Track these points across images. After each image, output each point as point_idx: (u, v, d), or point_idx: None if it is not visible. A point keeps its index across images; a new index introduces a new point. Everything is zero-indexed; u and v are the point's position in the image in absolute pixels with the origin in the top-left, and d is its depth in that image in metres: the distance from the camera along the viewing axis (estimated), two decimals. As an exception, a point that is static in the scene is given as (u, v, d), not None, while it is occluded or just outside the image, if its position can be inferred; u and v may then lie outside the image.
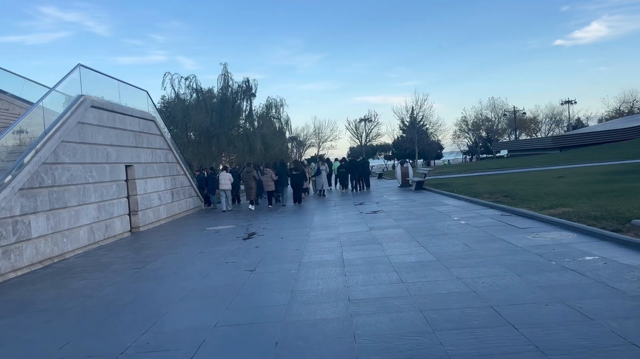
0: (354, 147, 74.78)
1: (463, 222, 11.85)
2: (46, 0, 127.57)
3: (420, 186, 23.57)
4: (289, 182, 21.52)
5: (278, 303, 6.28)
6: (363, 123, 70.52)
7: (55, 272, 9.69)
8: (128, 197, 15.57)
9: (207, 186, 22.79)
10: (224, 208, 20.14)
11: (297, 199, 21.20)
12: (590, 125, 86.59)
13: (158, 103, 33.19)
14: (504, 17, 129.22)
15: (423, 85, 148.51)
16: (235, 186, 23.45)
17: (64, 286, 8.37)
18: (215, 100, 29.47)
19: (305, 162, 30.20)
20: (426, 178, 24.13)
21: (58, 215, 11.10)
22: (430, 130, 71.19)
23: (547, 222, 10.58)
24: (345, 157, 37.34)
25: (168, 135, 21.36)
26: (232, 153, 33.63)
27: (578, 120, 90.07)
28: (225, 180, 20.27)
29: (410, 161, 28.27)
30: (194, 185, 22.41)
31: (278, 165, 21.95)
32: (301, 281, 7.29)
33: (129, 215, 15.50)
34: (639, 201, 11.52)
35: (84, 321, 6.23)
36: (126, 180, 15.46)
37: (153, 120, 18.25)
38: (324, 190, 25.01)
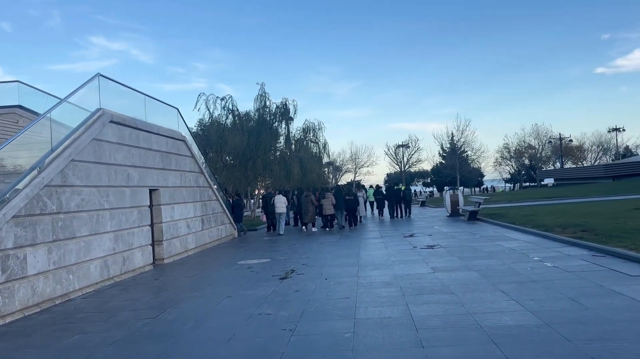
0: (391, 174, 72.56)
1: (549, 264, 9.63)
2: (95, 30, 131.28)
3: (474, 217, 21.28)
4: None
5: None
6: (402, 149, 68.23)
7: (51, 319, 7.92)
8: (152, 225, 13.90)
9: (233, 214, 21.49)
10: (281, 232, 20.72)
11: (353, 222, 22.32)
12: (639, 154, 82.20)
13: (194, 126, 32.03)
14: (543, 44, 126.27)
15: (461, 112, 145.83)
16: (272, 212, 21.90)
17: (51, 343, 6.56)
18: (252, 122, 27.96)
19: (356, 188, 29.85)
20: (480, 207, 21.84)
21: (63, 247, 9.41)
22: (472, 157, 68.44)
23: (665, 269, 8.30)
24: (382, 184, 35.99)
25: (200, 158, 19.82)
26: (268, 178, 32.03)
27: (627, 148, 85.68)
28: (281, 203, 20.79)
29: (450, 189, 26.12)
30: (227, 211, 20.71)
31: (335, 190, 23.47)
32: (361, 354, 5.28)
33: (152, 245, 13.80)
34: None
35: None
36: (150, 206, 13.81)
37: (183, 140, 16.69)
38: (361, 217, 24.29)
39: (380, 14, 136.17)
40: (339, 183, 57.51)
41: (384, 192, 27.17)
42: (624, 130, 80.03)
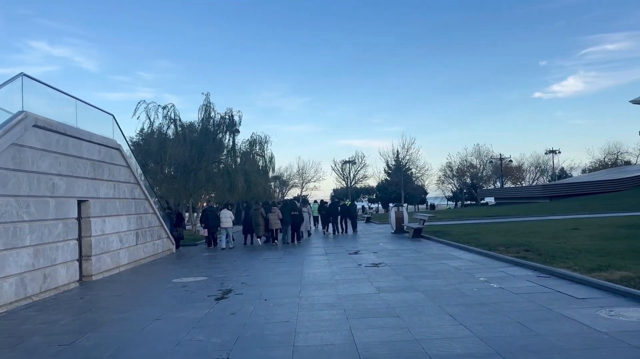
0: (337, 189, 72.64)
1: (495, 285, 9.42)
2: (37, 34, 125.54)
3: (418, 234, 21.19)
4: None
5: None
6: (348, 164, 68.48)
7: (-51, 346, 6.94)
8: (80, 239, 12.86)
9: (207, 223, 21.41)
10: (224, 246, 20.35)
11: (297, 237, 22.03)
12: (574, 175, 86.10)
13: (135, 135, 30.65)
14: (486, 68, 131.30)
15: (407, 130, 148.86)
16: (213, 226, 21.18)
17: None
18: (195, 134, 27.01)
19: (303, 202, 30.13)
20: (425, 224, 21.80)
21: (-29, 264, 8.39)
22: (416, 174, 69.58)
23: (609, 291, 8.19)
24: (329, 199, 36.11)
25: (138, 168, 18.79)
26: (211, 191, 31.05)
27: (562, 169, 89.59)
28: (227, 218, 20.51)
29: (396, 205, 26.16)
30: (164, 225, 19.70)
31: (282, 204, 23.39)
32: (299, 388, 4.74)
33: (80, 260, 12.76)
34: None
35: None
36: (78, 218, 12.79)
37: (118, 149, 15.70)
38: (308, 231, 24.61)
39: (329, 31, 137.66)
40: (285, 198, 56.94)
41: (329, 207, 27.00)
42: (559, 152, 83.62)
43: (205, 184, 27.00)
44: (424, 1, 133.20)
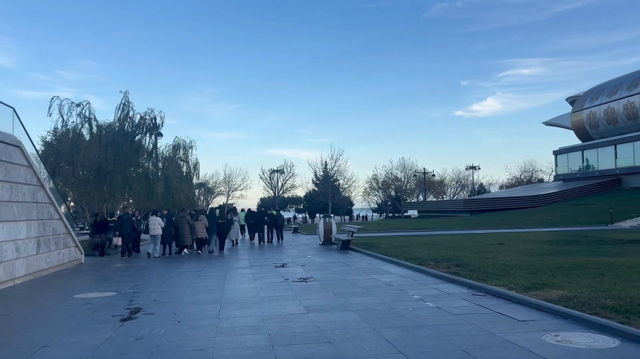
0: (264, 198, 71.37)
1: (431, 305, 8.83)
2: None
3: (346, 246, 20.60)
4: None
5: None
6: (277, 174, 67.52)
7: None
8: (-36, 247, 11.12)
9: (121, 231, 19.86)
10: (155, 254, 19.35)
11: (222, 247, 21.48)
12: (492, 191, 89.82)
13: (48, 134, 28.10)
14: (412, 85, 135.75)
15: (335, 142, 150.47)
16: (128, 235, 19.65)
17: None
18: (111, 133, 25.06)
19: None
20: (354, 236, 21.26)
21: None
22: (344, 186, 69.78)
23: (549, 312, 7.79)
24: (256, 208, 35.53)
25: (42, 169, 16.94)
26: (128, 196, 29.07)
27: (481, 185, 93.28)
28: (155, 225, 19.49)
29: (324, 216, 25.67)
30: (72, 232, 17.88)
31: (209, 212, 22.80)
32: None
33: (-38, 272, 11.02)
34: (643, 285, 9.19)
35: None
36: (-37, 224, 11.05)
37: (18, 146, 13.96)
38: (236, 240, 24.32)
39: (264, 39, 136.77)
40: (211, 206, 55.09)
41: (256, 216, 26.33)
42: (479, 168, 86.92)
43: (121, 189, 25.11)
44: (357, 17, 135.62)
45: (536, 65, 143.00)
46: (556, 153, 64.10)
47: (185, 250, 20.37)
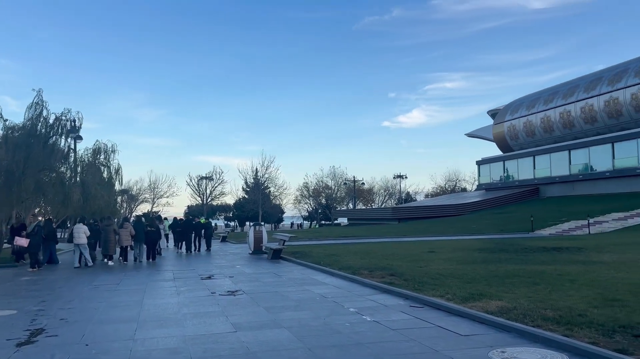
0: (192, 206, 69.17)
1: (369, 319, 8.29)
2: None
3: (277, 255, 19.88)
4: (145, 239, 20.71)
5: None
6: (205, 181, 65.64)
7: None
8: None
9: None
10: (76, 264, 18.50)
11: (152, 256, 20.67)
12: (418, 199, 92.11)
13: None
14: (342, 95, 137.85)
15: (267, 149, 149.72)
16: (37, 245, 18.11)
17: None
18: (23, 134, 22.96)
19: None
20: (286, 245, 20.57)
21: None
22: (275, 193, 68.93)
23: (491, 325, 7.44)
24: (183, 216, 34.41)
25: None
26: (42, 202, 26.80)
27: (408, 194, 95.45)
28: (80, 233, 18.66)
29: (255, 224, 25.01)
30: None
31: (135, 220, 22.28)
32: None
33: None
34: (578, 293, 9.12)
35: None
36: None
37: None
38: (161, 249, 23.71)
39: (193, 45, 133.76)
40: (135, 213, 52.61)
41: (183, 225, 25.32)
42: (406, 177, 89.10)
43: (33, 194, 23.04)
44: (289, 25, 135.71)
45: (459, 79, 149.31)
46: (479, 163, 66.49)
47: (110, 260, 19.43)
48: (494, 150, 67.04)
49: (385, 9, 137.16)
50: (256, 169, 63.57)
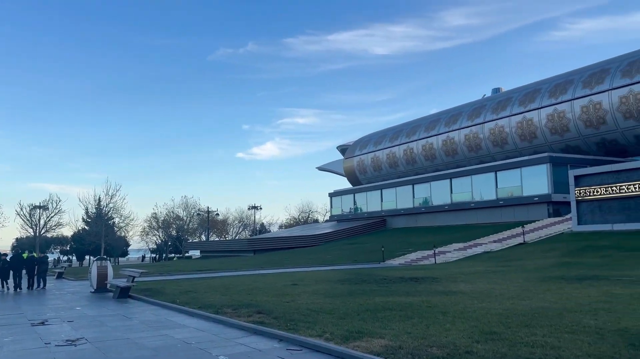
0: (22, 238, 61.24)
1: (245, 369, 7.26)
2: None
3: (125, 294, 17.77)
4: None
5: None
6: (39, 210, 58.63)
7: None
8: None
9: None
10: None
11: None
12: (273, 230, 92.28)
13: None
14: (194, 125, 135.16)
15: (112, 177, 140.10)
16: None
17: None
18: None
19: None
20: (135, 281, 18.50)
21: None
22: (120, 224, 63.87)
23: (380, 368, 6.89)
24: (10, 249, 30.02)
25: None
26: None
27: (262, 224, 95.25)
28: None
29: (98, 259, 22.44)
30: None
31: None
32: None
33: None
34: (454, 326, 9.02)
35: None
36: None
37: None
38: None
39: (32, 63, 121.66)
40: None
41: (11, 260, 22.30)
42: (261, 208, 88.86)
43: None
44: (139, 50, 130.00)
45: (310, 115, 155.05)
46: (331, 195, 68.50)
47: None
48: (345, 183, 69.70)
49: (240, 41, 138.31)
50: (99, 198, 58.44)
